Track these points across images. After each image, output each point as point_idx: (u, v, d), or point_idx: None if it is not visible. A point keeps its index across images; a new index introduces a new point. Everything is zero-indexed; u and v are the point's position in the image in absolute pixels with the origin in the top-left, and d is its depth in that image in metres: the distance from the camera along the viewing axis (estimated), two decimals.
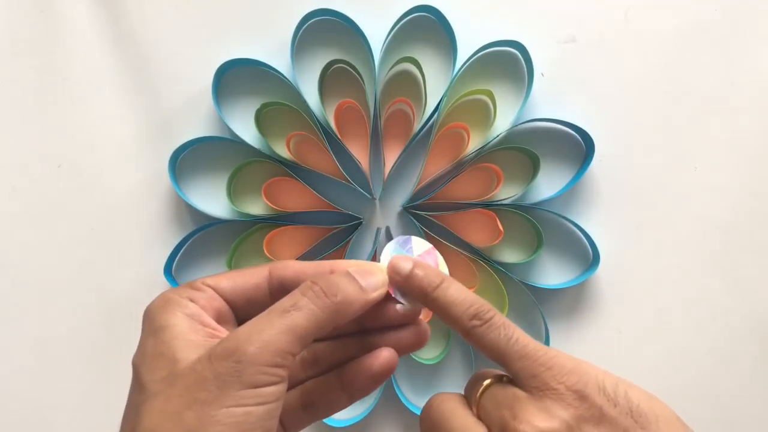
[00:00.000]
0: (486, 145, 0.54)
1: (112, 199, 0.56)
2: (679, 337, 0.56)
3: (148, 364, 0.25)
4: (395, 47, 0.55)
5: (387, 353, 0.29)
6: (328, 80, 0.54)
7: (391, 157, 0.55)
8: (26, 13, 0.56)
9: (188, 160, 0.56)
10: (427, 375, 0.56)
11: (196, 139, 0.54)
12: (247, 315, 0.29)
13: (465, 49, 0.54)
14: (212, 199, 0.56)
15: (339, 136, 0.53)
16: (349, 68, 0.53)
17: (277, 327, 0.25)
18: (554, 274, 0.56)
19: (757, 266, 0.56)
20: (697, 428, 0.60)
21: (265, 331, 0.24)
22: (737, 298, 0.56)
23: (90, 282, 0.56)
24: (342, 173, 0.53)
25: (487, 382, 0.27)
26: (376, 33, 0.54)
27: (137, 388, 0.25)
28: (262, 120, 0.54)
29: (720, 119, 0.56)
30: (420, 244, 0.33)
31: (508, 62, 0.55)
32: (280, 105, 0.53)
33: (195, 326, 0.26)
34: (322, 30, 0.55)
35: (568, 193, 0.56)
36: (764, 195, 0.56)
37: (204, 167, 0.56)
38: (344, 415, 0.55)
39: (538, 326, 0.56)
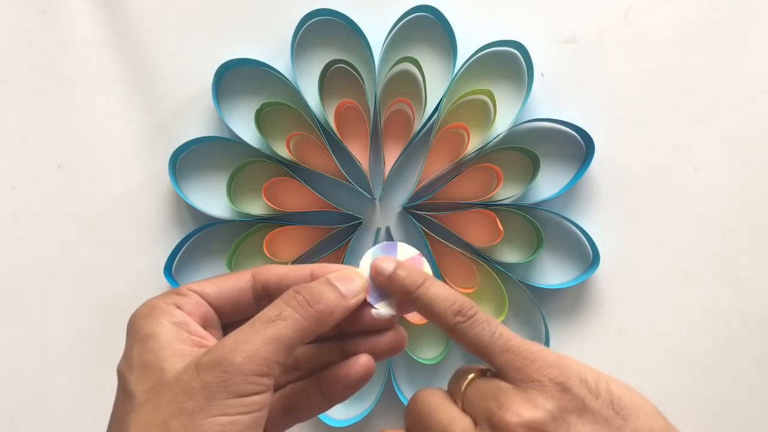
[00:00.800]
0: (486, 145, 0.54)
1: (112, 199, 0.56)
2: (679, 337, 0.56)
3: (135, 373, 0.26)
4: (395, 47, 0.55)
5: (364, 360, 0.30)
6: (328, 80, 0.54)
7: (391, 157, 0.55)
8: (26, 13, 0.56)
9: (188, 160, 0.56)
10: (426, 375, 0.56)
11: (196, 139, 0.54)
12: (232, 320, 0.29)
13: (465, 49, 0.54)
14: (212, 199, 0.56)
15: (339, 136, 0.53)
16: (349, 68, 0.53)
17: (262, 337, 0.25)
18: (554, 274, 0.56)
19: (757, 266, 0.56)
20: (697, 428, 0.60)
21: (251, 341, 0.25)
22: (737, 298, 0.56)
23: (90, 282, 0.56)
24: (342, 173, 0.53)
25: (471, 375, 0.28)
26: (376, 33, 0.54)
27: (124, 397, 0.25)
28: (262, 120, 0.54)
29: (720, 119, 0.56)
30: (406, 250, 0.33)
31: (508, 62, 0.55)
32: (280, 105, 0.53)
33: (181, 334, 0.27)
34: (322, 30, 0.55)
35: (568, 193, 0.56)
36: (764, 195, 0.56)
37: (204, 167, 0.56)
38: (344, 414, 0.55)
39: (538, 326, 0.56)
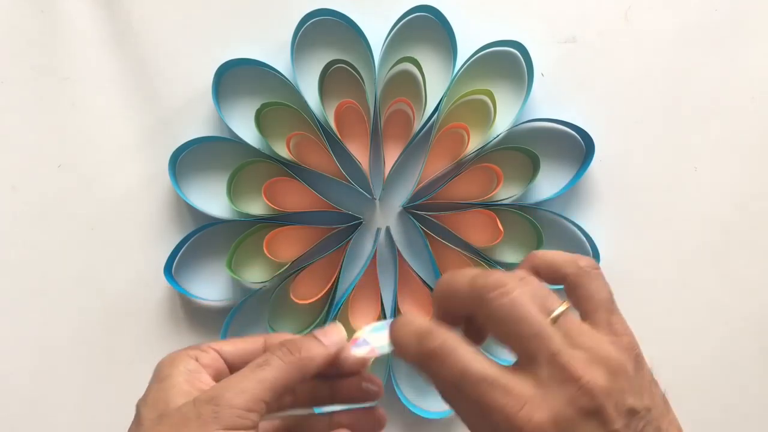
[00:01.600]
0: (486, 145, 0.54)
1: (112, 199, 0.56)
2: (679, 337, 0.56)
3: (147, 406, 0.30)
4: (395, 47, 0.55)
5: None
6: (328, 80, 0.54)
7: (391, 157, 0.55)
8: (26, 13, 0.56)
9: (188, 160, 0.56)
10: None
11: (196, 139, 0.54)
12: None
13: (465, 49, 0.54)
14: (212, 199, 0.56)
15: (339, 136, 0.53)
16: (349, 68, 0.53)
17: (251, 378, 0.30)
18: None
19: (757, 266, 0.56)
20: (697, 428, 0.60)
21: (241, 383, 0.30)
22: (737, 298, 0.56)
23: (90, 282, 0.56)
24: (342, 173, 0.53)
25: (566, 305, 0.28)
26: (376, 33, 0.54)
27: (135, 425, 0.30)
28: (262, 120, 0.54)
29: (720, 119, 0.56)
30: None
31: (508, 62, 0.55)
32: (280, 105, 0.53)
33: (191, 379, 0.31)
34: (322, 30, 0.55)
35: (568, 193, 0.56)
36: (764, 195, 0.56)
37: (204, 167, 0.56)
38: None
39: None
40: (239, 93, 0.55)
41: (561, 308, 0.27)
